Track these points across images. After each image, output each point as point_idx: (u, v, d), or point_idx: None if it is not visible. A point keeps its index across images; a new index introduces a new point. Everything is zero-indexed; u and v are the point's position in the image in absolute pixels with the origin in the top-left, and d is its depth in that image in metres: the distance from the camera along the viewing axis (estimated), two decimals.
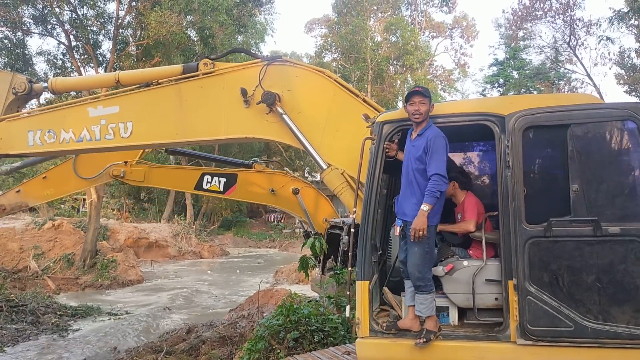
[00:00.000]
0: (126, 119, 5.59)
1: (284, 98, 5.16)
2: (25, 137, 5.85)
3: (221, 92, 5.38)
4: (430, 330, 3.81)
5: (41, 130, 5.80)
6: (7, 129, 5.96)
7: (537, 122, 3.77)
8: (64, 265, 20.35)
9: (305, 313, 6.97)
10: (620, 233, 3.45)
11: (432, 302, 3.89)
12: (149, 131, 5.68)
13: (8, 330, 11.48)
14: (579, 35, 26.98)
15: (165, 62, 22.71)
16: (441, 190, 3.78)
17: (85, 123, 5.67)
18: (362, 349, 4.04)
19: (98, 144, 5.75)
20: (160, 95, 5.59)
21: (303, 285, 16.70)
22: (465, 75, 50.65)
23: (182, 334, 10.93)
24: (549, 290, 3.55)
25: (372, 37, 43.61)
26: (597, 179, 3.59)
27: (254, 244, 37.90)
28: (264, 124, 5.23)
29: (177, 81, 5.54)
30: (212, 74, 5.46)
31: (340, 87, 5.13)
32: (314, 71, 5.32)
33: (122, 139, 5.63)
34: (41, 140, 5.81)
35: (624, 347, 3.39)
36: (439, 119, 4.05)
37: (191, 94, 5.47)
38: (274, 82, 5.19)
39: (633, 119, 3.53)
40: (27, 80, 6.15)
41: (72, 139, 5.71)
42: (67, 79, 6.73)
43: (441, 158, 3.82)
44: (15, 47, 22.58)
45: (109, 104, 5.69)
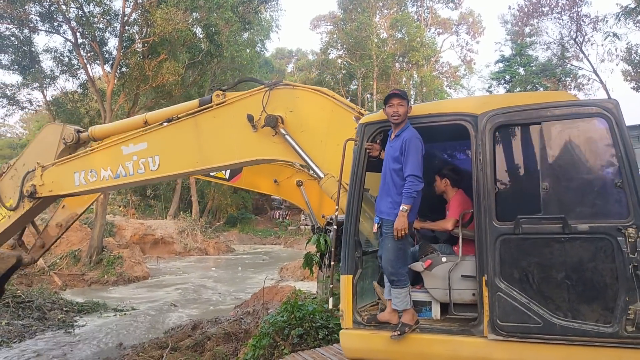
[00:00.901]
0: (154, 153, 6.18)
1: (287, 119, 5.48)
2: (72, 178, 6.60)
3: (232, 119, 5.77)
4: (406, 324, 3.95)
5: (85, 171, 6.52)
6: (57, 173, 6.72)
7: (507, 121, 3.82)
8: (70, 261, 20.42)
9: (309, 310, 6.95)
10: (589, 231, 3.44)
11: (406, 296, 4.02)
12: (173, 162, 6.20)
13: (15, 326, 11.50)
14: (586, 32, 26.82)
15: (171, 59, 22.71)
16: (417, 190, 3.91)
17: (120, 161, 6.31)
18: (345, 340, 4.25)
19: (132, 179, 6.36)
20: (181, 129, 6.09)
21: (308, 282, 16.67)
22: (471, 71, 50.53)
23: (188, 330, 10.94)
24: (519, 287, 3.60)
25: (378, 34, 43.51)
26: (567, 176, 3.59)
27: (259, 241, 37.94)
28: (272, 145, 5.55)
29: (194, 114, 6.01)
30: (223, 104, 5.88)
31: (338, 104, 5.34)
32: (313, 91, 5.59)
33: (152, 172, 6.23)
34: (85, 179, 6.54)
35: (592, 344, 3.38)
36: (418, 120, 4.17)
37: (206, 124, 5.94)
38: (278, 105, 5.52)
39: (603, 116, 3.49)
40: (75, 131, 6.88)
41: (111, 176, 6.39)
42: (103, 126, 7.42)
43: (415, 159, 3.94)
44: (22, 44, 22.61)
45: (138, 141, 6.30)
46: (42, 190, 6.75)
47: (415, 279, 4.42)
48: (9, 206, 6.90)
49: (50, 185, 6.75)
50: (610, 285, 3.35)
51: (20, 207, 6.86)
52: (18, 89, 25.18)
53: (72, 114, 24.61)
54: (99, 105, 23.56)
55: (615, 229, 3.34)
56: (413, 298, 4.22)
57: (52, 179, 6.73)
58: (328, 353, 5.50)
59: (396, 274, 4.01)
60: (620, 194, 3.40)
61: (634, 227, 3.29)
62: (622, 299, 3.29)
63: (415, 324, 3.98)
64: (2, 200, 6.92)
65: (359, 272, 4.30)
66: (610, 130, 3.45)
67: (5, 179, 7.08)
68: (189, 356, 8.37)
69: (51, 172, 6.74)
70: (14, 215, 6.88)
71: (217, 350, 8.58)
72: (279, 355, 6.24)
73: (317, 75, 47.94)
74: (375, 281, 4.54)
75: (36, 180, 6.77)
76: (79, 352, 10.13)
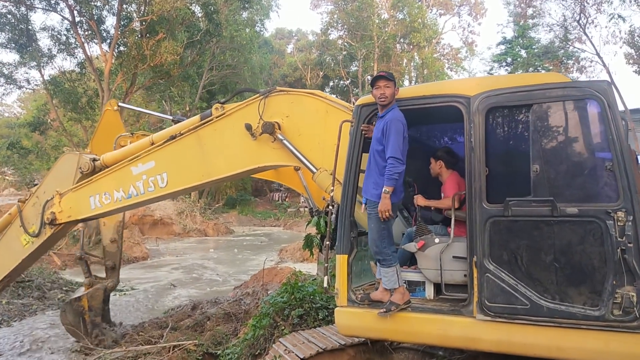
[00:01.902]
0: (162, 171, 6.36)
1: (284, 124, 5.58)
2: (88, 202, 6.85)
3: (232, 130, 5.88)
4: (394, 302, 4.05)
5: (99, 194, 6.76)
6: (74, 199, 6.97)
7: (499, 102, 3.83)
8: (69, 241, 20.49)
9: (309, 291, 7.02)
10: (578, 214, 3.45)
11: (393, 275, 4.10)
12: (180, 178, 6.33)
13: (15, 305, 11.61)
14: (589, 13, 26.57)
15: (170, 38, 22.53)
16: (397, 172, 3.95)
17: (131, 181, 6.52)
18: (339, 317, 4.39)
19: (143, 197, 6.55)
20: (184, 144, 6.22)
21: (307, 263, 16.78)
22: (473, 53, 50.13)
23: (187, 310, 11.02)
24: (507, 269, 3.65)
25: (379, 14, 43.09)
26: (558, 159, 3.60)
27: (258, 223, 38.04)
28: (271, 151, 5.65)
29: (195, 129, 6.14)
30: (222, 116, 5.98)
31: (332, 104, 5.40)
32: (306, 95, 5.65)
33: (161, 189, 6.40)
34: (100, 202, 6.77)
35: (579, 327, 3.42)
36: (412, 102, 4.20)
37: (208, 137, 6.07)
38: (274, 111, 5.62)
39: (595, 98, 3.48)
40: (90, 160, 7.17)
41: (124, 197, 6.60)
42: (114, 154, 7.55)
43: (396, 141, 3.97)
44: (19, 22, 22.44)
45: (146, 161, 6.48)
46: (62, 217, 7.01)
47: (411, 259, 4.50)
48: (32, 232, 7.21)
49: (69, 211, 7.01)
50: (598, 268, 3.38)
51: (42, 233, 7.15)
52: (15, 68, 25.07)
53: (70, 93, 24.55)
54: (96, 84, 23.48)
55: (605, 212, 3.35)
56: (407, 278, 4.32)
57: (69, 205, 6.99)
58: (328, 333, 5.57)
59: (381, 253, 4.11)
60: (611, 177, 3.40)
61: (623, 210, 3.30)
62: (610, 283, 3.33)
63: (405, 303, 4.06)
64: (25, 227, 7.20)
65: (355, 252, 4.39)
66: (602, 112, 3.44)
67: (28, 206, 7.35)
68: (189, 336, 8.46)
69: (68, 198, 7.01)
70: (37, 242, 7.16)
71: (217, 330, 8.68)
72: (279, 335, 6.31)
73: (317, 56, 47.59)
74: (373, 261, 4.60)
75: (55, 207, 7.02)
76: None
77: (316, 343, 5.16)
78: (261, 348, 6.54)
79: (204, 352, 7.52)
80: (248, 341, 6.80)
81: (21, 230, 7.24)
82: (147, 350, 7.77)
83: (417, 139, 5.50)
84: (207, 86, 34.41)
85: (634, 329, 3.28)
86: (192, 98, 32.81)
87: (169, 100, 35.41)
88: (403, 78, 44.50)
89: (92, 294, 9.13)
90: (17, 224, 7.30)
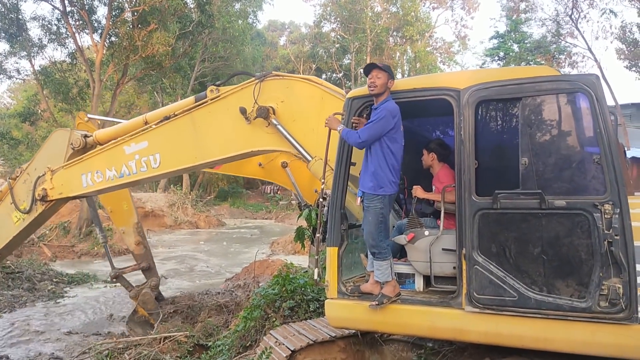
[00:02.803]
0: (154, 151, 6.33)
1: (279, 109, 5.56)
2: (80, 180, 6.84)
3: (226, 113, 5.86)
4: (385, 295, 4.07)
5: (91, 172, 6.75)
6: (65, 176, 6.96)
7: (489, 95, 3.85)
8: (59, 233, 20.42)
9: (301, 283, 7.04)
10: (565, 206, 3.49)
11: (387, 269, 4.12)
12: (173, 159, 6.32)
13: (5, 297, 11.55)
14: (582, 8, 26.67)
15: (162, 29, 22.35)
16: (351, 142, 4.13)
17: (123, 160, 6.49)
18: (330, 309, 4.42)
19: (135, 177, 6.53)
20: (178, 126, 6.20)
21: (299, 256, 16.81)
22: (465, 47, 50.23)
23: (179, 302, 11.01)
24: (496, 261, 3.68)
25: (372, 7, 42.97)
26: (546, 152, 3.63)
27: (250, 215, 38.00)
28: (265, 136, 5.64)
29: (190, 110, 6.11)
30: (217, 99, 5.95)
31: (327, 91, 5.39)
32: (302, 80, 5.64)
33: (153, 170, 6.38)
34: (92, 180, 6.76)
35: (566, 319, 3.46)
36: (403, 94, 4.20)
37: (202, 120, 6.06)
38: (269, 96, 5.59)
39: (584, 92, 3.50)
40: (82, 136, 7.16)
41: (115, 175, 6.60)
42: (107, 130, 7.56)
43: (373, 126, 4.03)
44: (9, 11, 22.13)
45: (139, 140, 6.45)
46: (53, 194, 6.99)
47: (401, 251, 4.52)
48: (23, 209, 7.19)
49: (60, 188, 6.99)
50: (585, 260, 3.42)
51: (33, 210, 7.14)
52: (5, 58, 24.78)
53: (61, 83, 24.30)
54: (87, 75, 23.25)
55: (592, 205, 3.39)
56: (397, 270, 4.34)
57: (61, 182, 6.98)
58: (319, 325, 5.58)
59: (377, 246, 4.11)
60: (598, 170, 3.43)
61: (610, 203, 3.34)
62: (597, 275, 3.37)
63: (395, 296, 4.09)
64: (16, 203, 7.18)
65: (345, 244, 4.41)
66: (591, 106, 3.46)
67: (19, 183, 7.33)
68: (180, 327, 8.48)
69: (60, 175, 6.99)
70: (27, 218, 7.15)
71: (209, 322, 8.71)
72: (269, 327, 6.33)
73: (310, 48, 47.40)
74: (363, 253, 4.63)
75: (46, 184, 7.00)
76: (69, 323, 10.20)
77: (307, 335, 5.18)
78: (252, 340, 6.57)
79: (195, 344, 7.53)
80: (239, 333, 6.83)
81: (12, 207, 7.20)
82: (138, 342, 7.77)
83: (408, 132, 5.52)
84: (199, 78, 34.18)
85: (620, 321, 3.33)
86: (184, 90, 32.58)
87: (161, 91, 35.18)
88: (396, 71, 44.45)
89: (143, 301, 9.31)
90: (8, 201, 7.28)
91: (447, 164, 4.66)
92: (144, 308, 9.23)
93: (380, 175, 4.07)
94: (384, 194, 4.08)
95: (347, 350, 5.08)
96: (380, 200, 4.08)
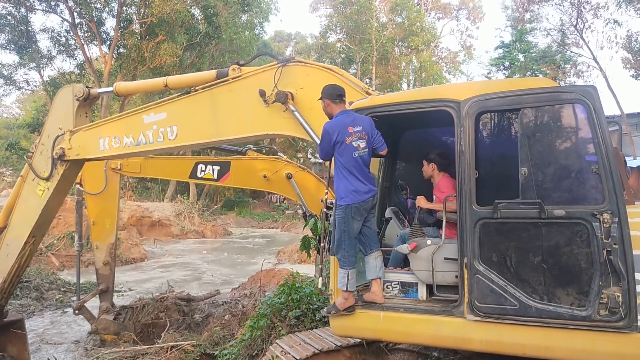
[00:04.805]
0: (172, 124, 6.35)
1: (298, 96, 5.55)
2: (98, 143, 6.91)
3: (246, 94, 5.86)
4: (335, 306, 4.30)
5: (109, 137, 6.82)
6: (84, 137, 7.02)
7: (489, 107, 3.92)
8: (67, 242, 20.49)
9: (307, 292, 7.08)
10: (565, 216, 3.53)
11: (344, 278, 4.25)
12: (189, 133, 6.34)
13: (13, 306, 11.62)
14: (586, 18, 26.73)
15: (169, 41, 22.61)
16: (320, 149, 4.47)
17: (142, 129, 6.55)
18: (334, 317, 4.46)
19: (152, 147, 6.60)
20: (198, 101, 6.22)
21: (305, 265, 16.83)
22: (471, 57, 50.31)
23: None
24: (497, 270, 3.72)
25: (378, 18, 43.16)
26: (545, 162, 3.68)
27: (256, 224, 38.03)
28: (282, 120, 5.63)
29: (210, 87, 6.14)
30: (238, 79, 5.96)
31: (347, 82, 5.37)
32: (323, 69, 5.61)
33: (170, 141, 6.39)
34: (109, 145, 6.82)
35: (566, 327, 3.49)
36: (404, 106, 4.31)
37: (222, 97, 6.05)
38: (289, 81, 5.58)
39: (582, 103, 3.55)
40: (84, 87, 7.22)
41: (132, 143, 6.65)
42: (128, 84, 7.67)
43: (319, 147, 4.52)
44: (19, 23, 22.50)
45: (158, 111, 6.47)
46: (70, 154, 7.06)
47: (405, 261, 4.58)
48: (45, 178, 7.22)
49: (78, 149, 7.05)
50: (584, 269, 3.46)
51: (54, 174, 7.16)
52: (15, 69, 25.16)
53: None
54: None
55: (591, 214, 3.43)
56: (400, 279, 4.39)
57: (79, 143, 7.03)
58: (325, 334, 5.60)
59: (339, 254, 4.27)
60: (597, 179, 3.48)
61: (608, 212, 3.38)
62: (596, 284, 3.40)
63: (345, 310, 4.24)
64: (38, 175, 7.22)
65: None
66: (589, 116, 3.51)
67: (36, 156, 7.35)
68: (187, 336, 8.53)
69: (79, 136, 7.05)
70: (51, 185, 7.16)
71: (215, 331, 8.75)
72: (276, 336, 6.36)
73: (316, 59, 47.61)
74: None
75: (65, 143, 7.06)
76: (76, 332, 10.29)
77: (312, 344, 5.21)
78: (258, 349, 6.58)
79: (202, 353, 7.57)
80: (245, 342, 6.85)
81: (34, 184, 7.26)
82: (145, 350, 7.83)
83: (411, 142, 5.59)
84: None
85: (619, 329, 3.36)
86: None
87: None
88: (401, 81, 44.60)
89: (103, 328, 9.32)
90: (30, 179, 7.32)
91: (447, 173, 4.72)
92: (107, 333, 9.19)
93: (340, 186, 4.28)
94: (345, 204, 4.22)
95: (352, 359, 5.12)
96: (343, 210, 4.23)
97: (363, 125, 4.35)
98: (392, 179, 5.56)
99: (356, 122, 4.35)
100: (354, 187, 4.23)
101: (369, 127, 4.39)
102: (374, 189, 4.41)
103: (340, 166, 4.29)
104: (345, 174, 4.26)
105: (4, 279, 7.31)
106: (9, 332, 7.98)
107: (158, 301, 10.00)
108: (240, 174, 9.32)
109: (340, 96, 4.56)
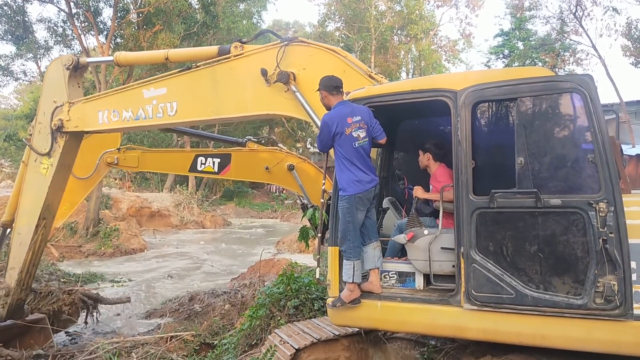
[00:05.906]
0: (172, 99, 6.29)
1: (300, 76, 5.48)
2: (97, 116, 6.85)
3: (247, 72, 5.79)
4: (340, 299, 4.28)
5: (108, 110, 6.76)
6: (83, 110, 6.97)
7: (485, 97, 3.92)
8: (67, 233, 20.56)
9: (305, 282, 7.12)
10: (561, 205, 3.54)
11: (350, 269, 4.24)
12: (189, 109, 6.28)
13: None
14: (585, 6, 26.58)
15: (167, 30, 22.48)
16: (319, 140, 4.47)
17: (141, 103, 6.48)
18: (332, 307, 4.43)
19: (151, 122, 6.55)
20: (198, 77, 6.15)
21: (304, 255, 16.90)
22: (470, 45, 50.03)
23: (185, 301, 11.14)
24: (493, 259, 3.74)
25: (376, 6, 42.89)
26: (542, 151, 3.68)
27: (255, 215, 38.10)
28: (283, 101, 5.58)
29: (211, 64, 6.06)
30: (240, 56, 5.89)
31: (350, 65, 5.31)
32: (327, 50, 5.54)
33: (169, 117, 6.34)
34: (108, 119, 6.77)
35: (562, 315, 3.52)
36: (401, 96, 4.30)
37: (223, 75, 5.99)
38: (292, 61, 5.51)
39: (578, 92, 3.55)
40: (72, 55, 7.18)
41: (132, 117, 6.59)
42: (128, 54, 7.62)
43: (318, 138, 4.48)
44: (15, 14, 22.34)
45: (158, 86, 6.41)
46: (69, 125, 6.98)
47: (402, 250, 4.60)
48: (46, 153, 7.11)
49: (76, 122, 6.98)
50: (580, 258, 3.47)
51: (55, 147, 7.08)
52: (12, 60, 25.05)
53: None
54: (93, 76, 23.41)
55: (587, 204, 3.44)
56: (398, 269, 4.41)
57: (77, 115, 6.97)
58: (323, 323, 5.63)
59: (344, 244, 4.26)
60: (593, 168, 3.48)
61: (604, 201, 3.39)
62: (592, 272, 3.42)
63: (351, 302, 4.23)
64: (38, 152, 7.12)
65: None
66: (585, 105, 3.52)
67: (35, 135, 7.26)
68: (186, 326, 8.57)
69: (78, 108, 6.99)
70: (54, 161, 7.09)
71: (214, 321, 8.79)
72: (275, 326, 6.40)
73: None
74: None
75: (63, 115, 6.98)
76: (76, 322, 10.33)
77: (311, 333, 5.24)
78: (257, 338, 6.64)
79: (201, 342, 7.61)
80: (244, 331, 6.90)
81: (37, 165, 7.16)
82: (145, 341, 7.86)
83: (409, 132, 5.59)
84: None
85: (615, 317, 3.39)
86: None
87: None
88: (400, 70, 44.43)
89: None
90: (32, 162, 7.22)
91: (443, 163, 4.73)
92: None
93: (342, 177, 4.30)
94: (349, 195, 4.24)
95: (350, 348, 5.14)
96: (347, 201, 4.24)
97: (362, 115, 4.35)
98: (389, 169, 5.56)
99: (355, 112, 4.34)
100: (356, 177, 4.24)
101: (368, 116, 4.39)
102: (376, 179, 4.42)
103: (342, 157, 4.30)
104: (347, 165, 4.27)
105: (20, 268, 7.22)
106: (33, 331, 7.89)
107: (65, 292, 9.54)
108: (242, 166, 9.23)
109: (337, 88, 4.53)
